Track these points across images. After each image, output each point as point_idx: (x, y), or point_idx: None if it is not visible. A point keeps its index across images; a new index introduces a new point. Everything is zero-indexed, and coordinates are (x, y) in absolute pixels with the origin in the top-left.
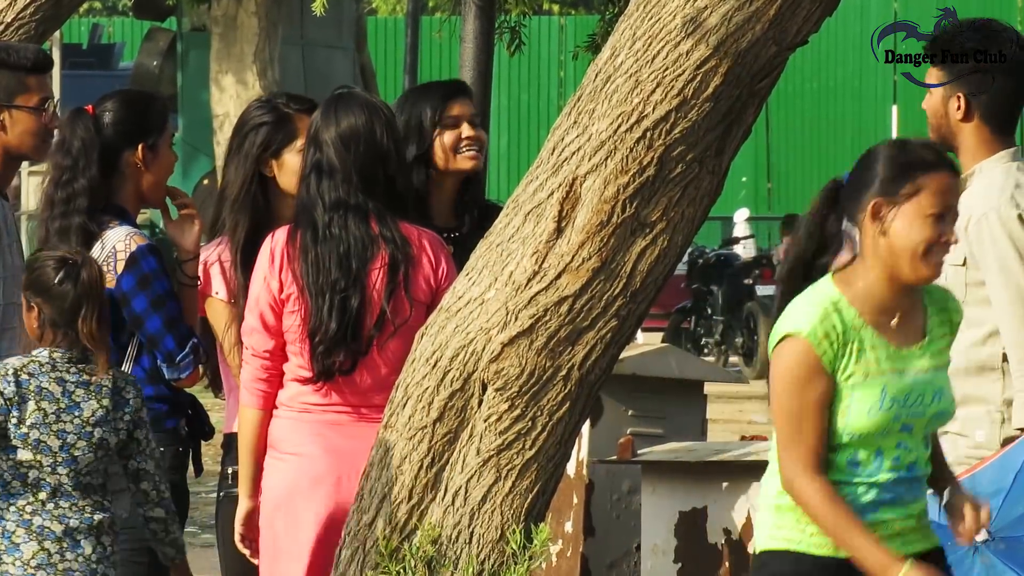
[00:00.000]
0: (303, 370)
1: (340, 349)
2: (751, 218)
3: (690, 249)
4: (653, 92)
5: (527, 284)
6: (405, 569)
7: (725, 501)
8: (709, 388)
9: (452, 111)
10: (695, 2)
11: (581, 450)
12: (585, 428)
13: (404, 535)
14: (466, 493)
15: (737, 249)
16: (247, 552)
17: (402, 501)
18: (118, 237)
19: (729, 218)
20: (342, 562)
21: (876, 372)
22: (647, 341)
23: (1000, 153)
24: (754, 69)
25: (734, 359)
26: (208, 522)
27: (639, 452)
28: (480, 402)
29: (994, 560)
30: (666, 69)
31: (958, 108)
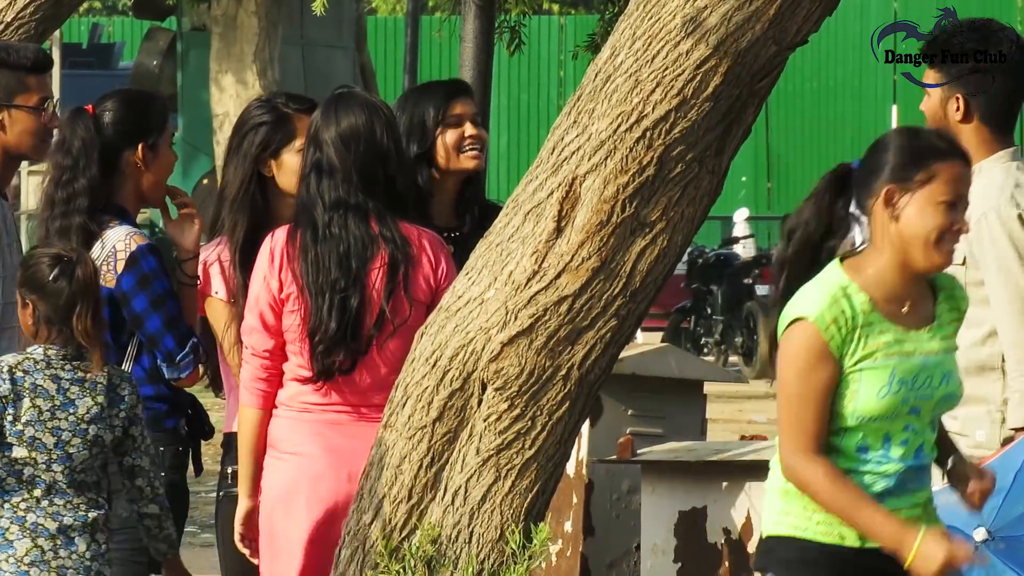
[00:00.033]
0: (303, 369)
1: (340, 349)
2: (751, 218)
3: (690, 249)
4: (653, 92)
5: (527, 284)
6: (405, 569)
7: (725, 501)
8: (709, 388)
9: (455, 110)
10: (695, 2)
11: (581, 450)
12: (585, 428)
13: (404, 535)
14: (466, 493)
15: (737, 249)
16: (247, 552)
17: (402, 501)
18: (118, 237)
19: (729, 218)
20: (342, 562)
21: (885, 356)
22: (647, 341)
23: (1000, 153)
24: (754, 69)
25: (734, 359)
26: (208, 521)
27: (639, 452)
28: (480, 402)
29: (994, 560)
30: (666, 69)
31: (957, 109)
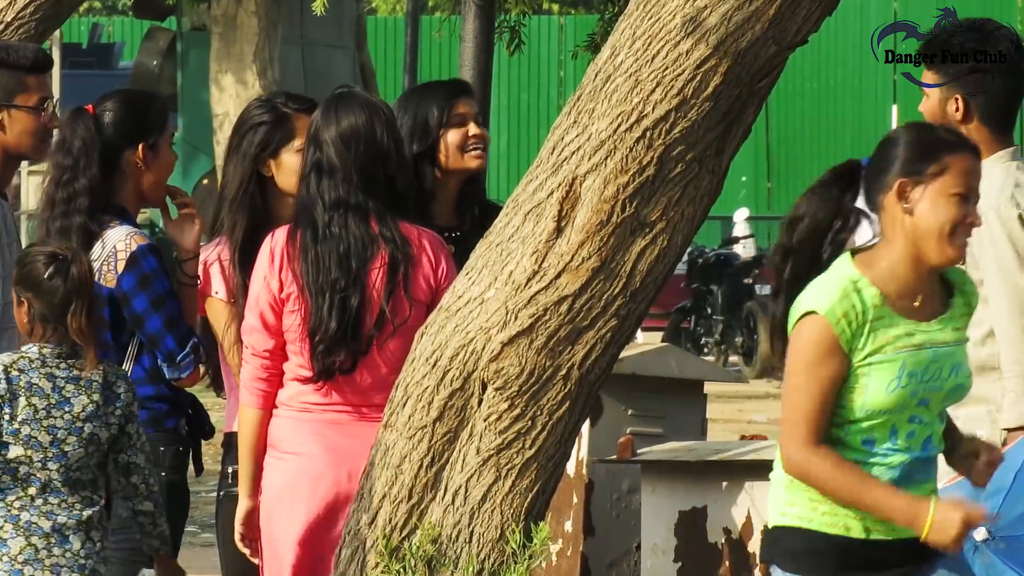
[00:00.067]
0: (303, 369)
1: (340, 348)
2: (751, 218)
3: (690, 249)
4: (653, 91)
5: (527, 283)
6: (405, 568)
7: (725, 500)
8: (709, 388)
9: (459, 109)
10: (695, 1)
11: (581, 449)
12: (585, 427)
13: (404, 534)
14: (466, 492)
15: (737, 249)
16: (247, 551)
17: (402, 500)
18: (119, 237)
19: (729, 218)
20: (342, 561)
21: (894, 349)
22: (647, 340)
23: (999, 153)
24: (754, 68)
25: (734, 359)
26: (208, 521)
27: (639, 451)
28: (480, 401)
29: (994, 559)
30: (666, 69)
31: (956, 109)
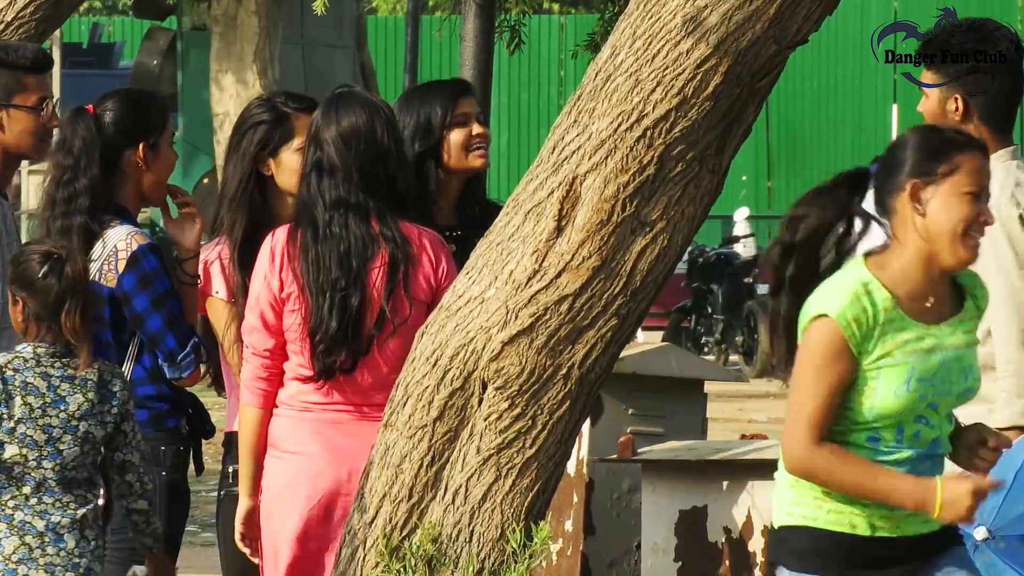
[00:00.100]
0: (304, 369)
1: (341, 348)
2: (751, 217)
3: (690, 248)
4: (653, 91)
5: (527, 283)
6: (405, 568)
7: (725, 500)
8: (709, 387)
9: (462, 109)
10: (695, 1)
11: (581, 449)
12: (585, 427)
13: (404, 534)
14: (466, 492)
15: (737, 248)
16: (247, 551)
17: (402, 500)
18: (119, 236)
19: (729, 217)
20: (342, 561)
21: (904, 353)
22: (647, 340)
23: (999, 152)
24: (754, 68)
25: (734, 358)
26: (209, 521)
27: (639, 451)
28: (480, 401)
29: (994, 559)
30: (666, 68)
31: (956, 109)
